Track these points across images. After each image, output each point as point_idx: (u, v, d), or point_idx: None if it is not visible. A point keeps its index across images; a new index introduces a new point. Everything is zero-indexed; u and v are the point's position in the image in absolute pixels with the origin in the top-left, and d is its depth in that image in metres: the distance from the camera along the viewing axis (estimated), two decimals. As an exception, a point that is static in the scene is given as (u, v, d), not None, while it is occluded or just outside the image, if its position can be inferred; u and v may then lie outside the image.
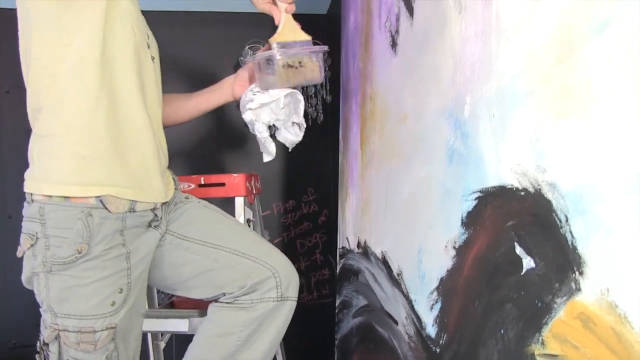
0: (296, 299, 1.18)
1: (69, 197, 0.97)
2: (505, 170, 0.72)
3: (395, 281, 1.06)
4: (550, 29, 0.63)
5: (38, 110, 1.00)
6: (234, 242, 1.15)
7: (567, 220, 0.60)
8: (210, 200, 1.25)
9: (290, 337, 1.34)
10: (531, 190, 0.67)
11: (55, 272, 0.97)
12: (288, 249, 2.47)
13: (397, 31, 1.09)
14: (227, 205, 1.46)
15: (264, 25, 2.51)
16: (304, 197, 2.49)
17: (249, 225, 1.37)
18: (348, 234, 1.38)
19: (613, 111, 0.54)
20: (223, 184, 1.33)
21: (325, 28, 2.50)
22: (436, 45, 0.92)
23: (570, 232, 0.60)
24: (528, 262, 0.68)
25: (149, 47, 1.12)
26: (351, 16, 1.40)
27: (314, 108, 2.30)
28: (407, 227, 1.02)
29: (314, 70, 1.12)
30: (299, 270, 2.43)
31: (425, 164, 0.95)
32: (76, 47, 0.97)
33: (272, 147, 1.18)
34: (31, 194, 0.99)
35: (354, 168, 1.31)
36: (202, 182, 1.33)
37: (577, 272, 0.59)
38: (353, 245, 1.32)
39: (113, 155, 1.01)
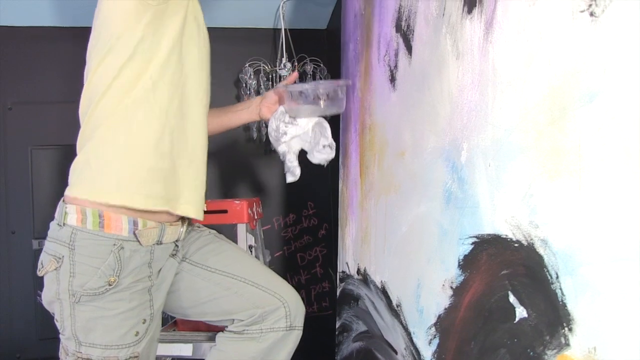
0: (302, 328, 1.22)
1: (103, 227, 0.99)
2: (500, 220, 0.74)
3: (395, 312, 1.09)
4: (543, 90, 0.66)
5: (97, 126, 1.01)
6: (245, 272, 1.19)
7: (557, 277, 0.63)
8: (213, 227, 1.28)
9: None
10: (524, 243, 0.69)
11: (83, 302, 0.99)
12: (288, 262, 2.50)
13: (395, 66, 1.11)
14: (229, 230, 1.49)
15: (264, 41, 2.54)
16: (304, 211, 2.52)
17: (251, 251, 1.40)
18: (348, 259, 1.41)
19: (603, 178, 0.57)
20: (225, 211, 1.35)
21: (325, 43, 2.52)
22: (434, 86, 0.95)
23: (561, 289, 0.62)
24: (521, 312, 0.70)
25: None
26: (350, 45, 1.43)
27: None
28: (406, 261, 1.04)
29: (339, 102, 1.23)
30: (299, 283, 2.48)
31: (422, 201, 0.98)
32: (151, 73, 1.02)
33: (297, 172, 1.28)
34: (64, 217, 1.00)
35: (354, 196, 1.34)
36: (205, 209, 1.35)
37: (566, 328, 0.61)
38: (353, 271, 1.34)
39: (174, 174, 1.05)
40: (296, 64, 2.29)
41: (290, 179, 1.29)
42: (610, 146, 0.56)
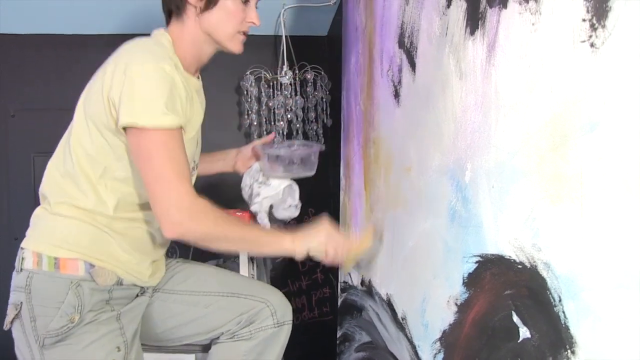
0: (291, 321, 1.25)
1: (58, 268, 0.99)
2: (503, 241, 0.76)
3: (400, 325, 1.10)
4: (545, 117, 0.67)
5: (67, 185, 1.06)
6: (221, 285, 1.22)
7: (560, 300, 0.64)
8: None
9: (292, 354, 1.40)
10: (527, 265, 0.71)
11: (48, 345, 0.98)
12: (289, 268, 2.52)
13: (399, 82, 1.13)
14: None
15: (265, 48, 2.55)
16: (305, 218, 2.53)
17: (252, 264, 1.42)
18: (350, 270, 1.42)
19: (604, 207, 0.58)
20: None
21: (325, 49, 2.53)
22: (438, 104, 0.96)
23: (564, 312, 0.64)
24: (524, 332, 0.72)
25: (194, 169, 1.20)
26: (352, 58, 1.44)
27: (314, 132, 2.35)
28: (412, 275, 1.06)
29: (311, 166, 1.39)
30: (300, 288, 2.49)
31: (428, 217, 0.99)
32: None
33: (268, 227, 1.42)
34: (21, 262, 1.02)
35: (358, 207, 1.35)
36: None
37: (569, 351, 0.63)
38: (356, 282, 1.36)
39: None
40: (297, 71, 2.30)
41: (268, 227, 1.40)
42: (611, 176, 0.57)
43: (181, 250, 1.82)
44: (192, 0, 1.07)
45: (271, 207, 1.40)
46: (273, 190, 1.35)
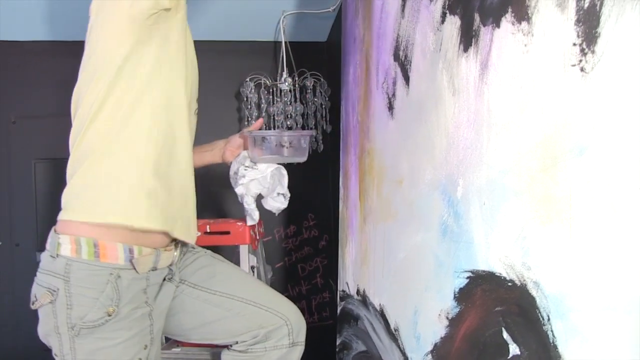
0: (304, 342, 1.24)
1: (98, 256, 0.98)
2: (494, 258, 0.77)
3: (393, 336, 1.11)
4: (536, 138, 0.68)
5: (91, 151, 1.01)
6: (246, 292, 1.20)
7: (549, 319, 0.65)
8: (215, 248, 1.30)
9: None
10: (517, 283, 0.71)
11: (83, 335, 0.97)
12: (289, 273, 2.53)
13: (394, 95, 1.14)
14: (230, 250, 1.52)
15: (265, 53, 2.56)
16: (305, 223, 2.54)
17: (253, 272, 1.42)
18: (348, 279, 1.43)
19: (592, 229, 0.59)
20: (228, 232, 1.38)
21: (325, 55, 2.54)
22: (431, 119, 0.97)
23: (552, 331, 0.65)
24: (514, 349, 0.72)
25: (197, 102, 1.19)
26: (350, 69, 1.45)
27: (314, 138, 2.36)
28: (404, 287, 1.07)
29: (302, 151, 1.31)
30: (300, 293, 2.50)
31: (419, 230, 1.00)
32: (146, 103, 1.03)
33: (256, 215, 1.34)
34: (57, 247, 0.98)
35: (354, 217, 1.36)
36: (208, 230, 1.38)
37: (558, 370, 0.64)
38: (353, 291, 1.37)
39: (169, 196, 1.05)
40: (296, 78, 2.31)
41: (249, 222, 1.34)
42: (600, 199, 0.58)
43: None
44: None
45: (260, 197, 1.37)
46: (260, 172, 1.31)
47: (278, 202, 1.34)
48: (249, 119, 2.31)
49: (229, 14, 2.25)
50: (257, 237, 1.49)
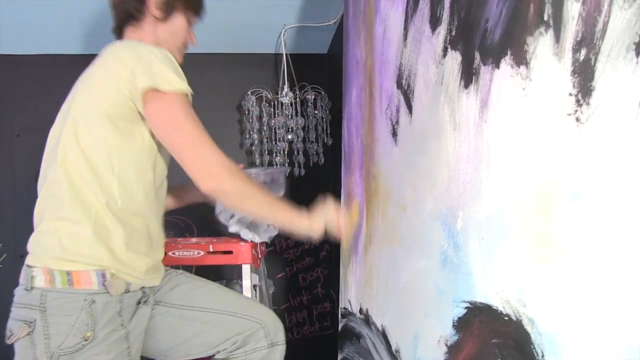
0: (284, 341, 1.30)
1: (72, 284, 1.02)
2: (491, 292, 0.79)
3: (394, 357, 1.14)
4: (533, 181, 0.71)
5: (69, 193, 1.08)
6: (218, 302, 1.27)
7: (543, 356, 0.68)
8: (218, 267, 1.33)
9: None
10: (513, 318, 0.74)
11: None
12: (290, 283, 2.56)
13: (397, 122, 1.16)
14: (232, 269, 1.55)
15: (266, 66, 2.58)
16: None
17: (255, 291, 1.45)
18: (350, 297, 1.46)
19: (586, 274, 0.62)
20: (231, 252, 1.41)
21: (326, 67, 2.57)
22: (432, 150, 0.99)
23: (547, 368, 0.67)
24: (511, 381, 0.75)
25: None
26: (353, 91, 1.47)
27: (315, 151, 2.38)
28: (406, 311, 1.09)
29: (280, 187, 1.44)
30: (301, 303, 2.53)
31: (422, 257, 1.03)
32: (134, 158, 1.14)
33: (257, 239, 1.48)
34: (31, 280, 1.03)
35: (359, 237, 1.39)
36: (211, 250, 1.41)
37: (552, 406, 0.66)
38: (355, 309, 1.40)
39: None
40: (298, 92, 2.34)
41: (257, 240, 1.47)
42: (593, 246, 0.61)
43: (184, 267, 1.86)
44: (153, 9, 1.22)
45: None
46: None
47: (270, 232, 1.47)
48: (250, 132, 2.34)
49: (230, 26, 2.28)
50: (259, 256, 1.52)
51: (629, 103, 0.57)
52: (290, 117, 2.28)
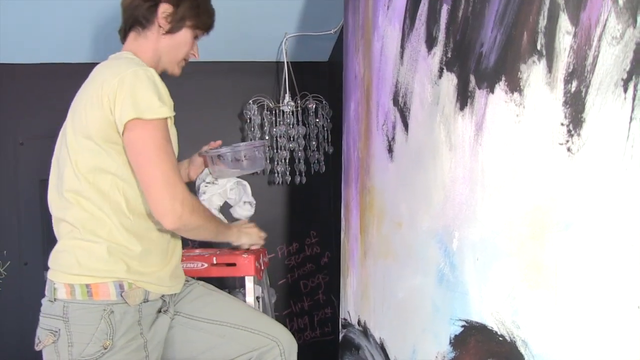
0: None
1: (91, 295, 1.07)
2: (486, 312, 0.81)
3: (392, 370, 1.16)
4: (526, 206, 0.72)
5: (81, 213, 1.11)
6: (237, 317, 1.28)
7: (536, 378, 0.70)
8: (221, 279, 1.35)
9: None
10: (508, 339, 0.76)
11: None
12: (292, 289, 2.58)
13: (393, 138, 1.18)
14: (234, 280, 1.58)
15: (267, 74, 2.60)
16: (307, 240, 2.59)
17: (258, 302, 1.47)
18: (349, 309, 1.48)
19: (576, 299, 0.63)
20: (234, 264, 1.43)
21: (326, 75, 2.58)
22: (429, 169, 1.01)
23: (540, 389, 0.69)
24: (505, 401, 0.77)
25: None
26: (351, 104, 1.49)
27: (316, 160, 2.40)
28: (403, 325, 1.11)
29: (258, 161, 1.43)
30: (302, 309, 2.55)
31: (417, 274, 1.04)
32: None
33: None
34: (54, 292, 1.08)
35: (355, 250, 1.41)
36: (215, 262, 1.43)
37: None
38: (354, 321, 1.42)
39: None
40: (299, 101, 2.36)
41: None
42: (583, 273, 0.62)
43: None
44: (161, 21, 1.21)
45: (228, 207, 1.49)
46: (220, 187, 1.44)
47: (245, 210, 1.48)
48: (252, 140, 2.36)
49: (233, 36, 2.30)
50: (262, 268, 1.54)
51: (617, 137, 0.58)
52: (291, 125, 2.30)
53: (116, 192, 1.10)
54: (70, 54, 2.37)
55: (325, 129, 2.38)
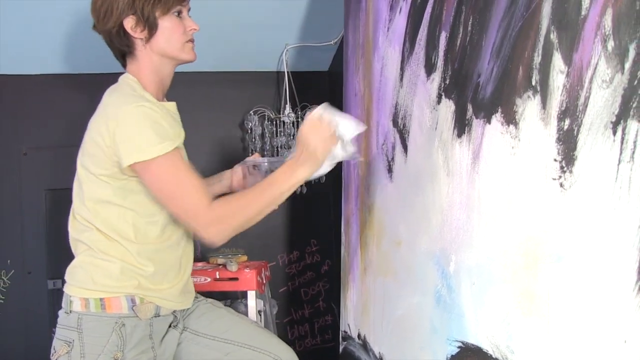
0: None
1: (105, 308, 1.12)
2: (482, 335, 0.84)
3: (391, 385, 1.19)
4: (520, 236, 0.75)
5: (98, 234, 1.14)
6: (242, 336, 1.31)
7: (530, 403, 0.72)
8: (224, 293, 1.38)
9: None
10: (503, 364, 0.79)
11: None
12: (293, 297, 2.61)
13: (392, 159, 1.20)
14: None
15: (268, 84, 2.63)
16: (308, 248, 2.63)
17: (260, 316, 1.50)
18: (349, 321, 1.50)
19: (568, 328, 0.66)
20: (236, 279, 1.46)
21: (327, 84, 2.61)
22: (427, 193, 1.04)
23: (533, 414, 0.72)
24: (500, 423, 0.80)
25: None
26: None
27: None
28: (402, 341, 1.14)
29: None
30: (302, 316, 2.58)
31: (416, 293, 1.07)
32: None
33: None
34: (70, 305, 1.13)
35: (355, 265, 1.43)
36: (218, 277, 1.46)
37: None
38: (354, 334, 1.44)
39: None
40: (299, 111, 2.38)
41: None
42: (574, 304, 0.65)
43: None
44: (137, 34, 1.17)
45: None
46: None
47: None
48: (253, 151, 2.39)
49: (234, 47, 2.32)
50: (264, 282, 1.56)
51: (607, 178, 0.61)
52: (292, 136, 2.33)
53: (124, 222, 1.13)
54: (73, 65, 2.39)
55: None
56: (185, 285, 1.24)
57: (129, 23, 1.14)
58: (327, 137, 1.09)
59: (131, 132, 1.07)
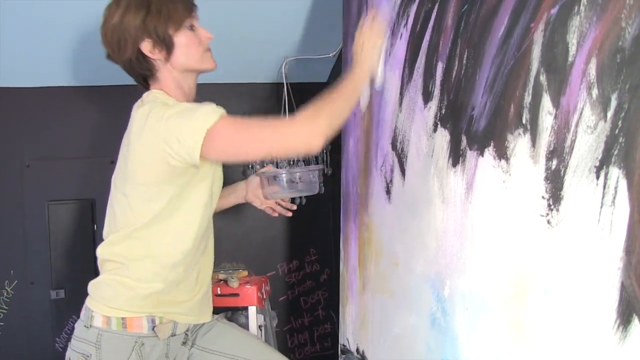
0: None
1: (126, 327, 1.14)
2: (474, 358, 0.88)
3: (389, 401, 1.22)
4: (510, 268, 0.79)
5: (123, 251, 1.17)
6: (244, 351, 1.35)
7: None
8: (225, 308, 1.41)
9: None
10: (495, 389, 0.82)
11: None
12: (292, 306, 2.65)
13: (391, 181, 1.24)
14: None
15: (267, 95, 2.66)
16: (307, 257, 2.67)
17: (261, 331, 1.53)
18: (348, 336, 1.54)
19: (555, 357, 0.70)
20: (237, 295, 1.49)
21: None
22: (423, 217, 1.07)
23: None
24: None
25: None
26: (350, 141, 1.55)
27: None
28: (398, 359, 1.17)
29: (312, 185, 1.40)
30: (302, 325, 2.62)
31: (412, 313, 1.11)
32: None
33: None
34: (91, 319, 1.15)
35: (353, 281, 1.47)
36: (219, 293, 1.49)
37: None
38: (353, 348, 1.48)
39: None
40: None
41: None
42: (561, 336, 0.69)
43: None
44: (156, 56, 1.18)
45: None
46: None
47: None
48: (252, 164, 2.42)
49: (234, 59, 2.36)
50: (264, 297, 1.60)
51: (590, 219, 0.64)
52: (291, 148, 2.36)
53: (158, 242, 1.17)
54: (76, 78, 2.43)
55: (324, 150, 2.44)
56: (202, 298, 1.27)
57: (146, 47, 1.15)
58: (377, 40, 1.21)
59: (180, 130, 1.07)
